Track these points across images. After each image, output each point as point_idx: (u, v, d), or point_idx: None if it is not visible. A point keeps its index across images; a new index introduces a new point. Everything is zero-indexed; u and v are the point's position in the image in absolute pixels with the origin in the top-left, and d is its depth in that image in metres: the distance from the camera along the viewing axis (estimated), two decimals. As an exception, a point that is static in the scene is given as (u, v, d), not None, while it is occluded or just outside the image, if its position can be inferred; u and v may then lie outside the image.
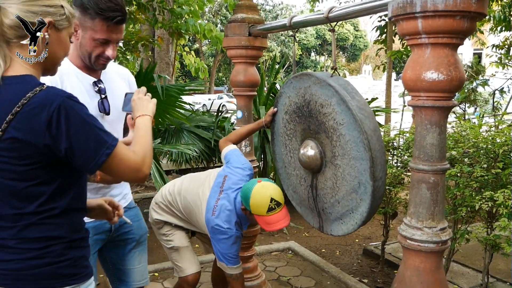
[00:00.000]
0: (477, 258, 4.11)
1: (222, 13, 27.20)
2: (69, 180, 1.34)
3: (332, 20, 2.34)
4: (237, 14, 3.00)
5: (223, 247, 2.41)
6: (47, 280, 1.31)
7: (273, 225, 2.33)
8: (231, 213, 2.42)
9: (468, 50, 26.10)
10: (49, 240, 1.32)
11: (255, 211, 2.31)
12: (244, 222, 2.49)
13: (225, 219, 2.40)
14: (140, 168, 1.37)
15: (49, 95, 1.24)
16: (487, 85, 8.55)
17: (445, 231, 1.83)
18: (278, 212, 2.33)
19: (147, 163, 1.41)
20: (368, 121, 2.14)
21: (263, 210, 2.29)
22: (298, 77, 2.51)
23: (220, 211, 2.41)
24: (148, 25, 7.53)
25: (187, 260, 2.70)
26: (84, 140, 1.26)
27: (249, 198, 2.31)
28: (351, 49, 40.58)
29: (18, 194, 1.28)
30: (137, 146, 1.44)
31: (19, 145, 1.23)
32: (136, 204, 2.29)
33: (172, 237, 2.70)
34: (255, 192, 2.31)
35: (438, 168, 1.79)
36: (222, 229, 2.38)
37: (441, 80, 1.69)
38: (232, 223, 2.40)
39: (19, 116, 1.22)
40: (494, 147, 2.98)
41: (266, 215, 2.30)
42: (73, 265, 1.36)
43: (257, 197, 2.30)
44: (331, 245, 4.83)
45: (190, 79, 26.45)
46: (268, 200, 2.30)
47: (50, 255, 1.31)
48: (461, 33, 1.69)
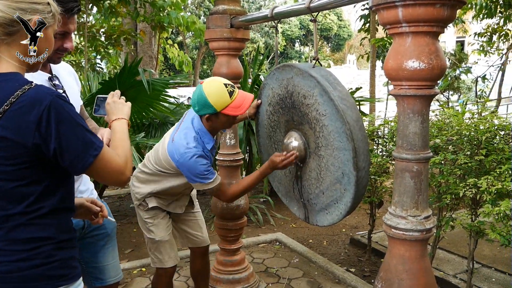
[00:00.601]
0: (462, 245, 4.16)
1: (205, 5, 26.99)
2: (58, 180, 1.33)
3: (314, 10, 2.32)
4: (219, 6, 2.97)
5: (191, 168, 2.33)
6: (36, 282, 1.30)
7: (243, 105, 2.31)
8: (188, 130, 2.38)
9: (451, 38, 26.27)
10: (38, 241, 1.30)
11: (220, 105, 2.27)
12: (203, 135, 2.39)
13: (183, 138, 2.36)
14: (124, 171, 1.38)
15: (38, 94, 1.23)
16: (470, 72, 8.62)
17: (429, 219, 1.84)
18: (239, 93, 2.33)
19: (129, 166, 1.42)
20: (350, 112, 2.13)
21: (226, 99, 2.26)
22: (280, 69, 2.50)
23: (178, 136, 2.39)
24: (130, 18, 7.44)
25: (166, 254, 2.66)
26: (73, 141, 1.25)
27: (206, 99, 2.26)
28: (335, 39, 40.64)
29: (6, 195, 1.26)
30: (119, 149, 1.43)
31: (7, 144, 1.21)
32: (122, 199, 2.26)
33: (154, 228, 2.64)
34: (207, 90, 2.27)
35: (421, 156, 1.79)
36: (182, 151, 2.32)
37: (423, 68, 1.69)
38: (191, 139, 2.34)
39: (8, 115, 1.20)
40: (477, 134, 3.00)
41: (230, 100, 2.27)
42: (63, 266, 1.35)
43: (213, 91, 2.26)
44: (318, 235, 4.85)
45: (175, 72, 26.27)
46: (223, 86, 2.28)
47: (39, 256, 1.30)
48: (441, 21, 1.68)
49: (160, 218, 2.66)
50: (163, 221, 2.67)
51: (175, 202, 2.70)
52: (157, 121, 5.27)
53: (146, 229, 2.67)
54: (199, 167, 2.33)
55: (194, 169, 2.33)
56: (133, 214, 5.63)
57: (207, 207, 5.57)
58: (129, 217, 5.42)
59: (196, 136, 2.37)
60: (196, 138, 2.37)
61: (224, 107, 2.27)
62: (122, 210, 5.76)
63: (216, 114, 2.31)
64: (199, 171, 2.33)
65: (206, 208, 5.56)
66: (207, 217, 5.32)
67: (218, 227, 3.30)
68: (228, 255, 3.34)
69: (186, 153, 2.32)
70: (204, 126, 2.39)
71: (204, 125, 2.39)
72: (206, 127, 2.39)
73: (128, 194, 6.48)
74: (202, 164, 2.33)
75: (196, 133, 2.38)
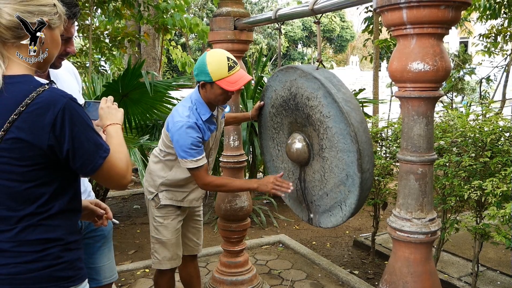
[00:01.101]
0: (466, 247, 4.14)
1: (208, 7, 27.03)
2: (68, 181, 1.35)
3: (317, 12, 2.32)
4: (222, 8, 2.97)
5: (180, 139, 2.31)
6: (44, 284, 1.31)
7: (238, 82, 2.32)
8: (185, 102, 2.40)
9: (454, 39, 26.22)
10: (46, 242, 1.31)
11: (216, 76, 2.28)
12: (200, 106, 2.39)
13: (179, 109, 2.37)
14: (125, 175, 1.41)
15: (53, 96, 1.25)
16: (474, 73, 8.59)
17: (434, 221, 1.83)
18: (238, 70, 2.33)
19: (130, 170, 1.44)
20: (355, 113, 2.13)
21: (224, 71, 2.28)
22: (284, 70, 2.50)
23: (175, 108, 2.40)
24: (134, 21, 7.46)
25: (168, 255, 2.63)
26: (85, 143, 1.28)
27: (205, 66, 2.28)
28: (338, 40, 40.59)
29: (18, 196, 1.27)
30: (120, 154, 1.45)
31: (22, 145, 1.23)
32: (126, 200, 2.27)
33: (162, 228, 2.59)
34: (209, 58, 2.29)
35: (426, 159, 1.78)
36: (175, 120, 2.33)
37: (427, 70, 1.68)
38: (186, 109, 2.35)
39: (23, 116, 1.22)
40: (482, 136, 2.99)
41: (228, 74, 2.29)
42: (70, 267, 1.36)
43: (214, 61, 2.28)
44: (321, 237, 4.84)
45: (177, 74, 26.32)
46: (226, 59, 2.29)
47: (47, 258, 1.31)
48: (446, 23, 1.67)
49: (170, 219, 2.60)
50: (173, 223, 2.61)
51: (191, 194, 2.63)
52: (161, 123, 5.27)
53: (154, 227, 2.63)
54: (188, 139, 2.30)
55: (183, 140, 2.31)
56: (137, 215, 5.64)
57: (210, 209, 5.57)
58: (132, 218, 5.42)
59: (191, 106, 2.38)
60: (191, 108, 2.37)
61: (220, 78, 2.29)
62: (125, 211, 5.77)
63: (211, 83, 2.32)
64: (187, 143, 2.31)
65: (210, 210, 5.56)
66: (211, 219, 5.33)
67: (221, 228, 3.30)
68: (231, 257, 3.33)
69: (178, 122, 2.32)
70: (201, 96, 2.40)
71: (200, 94, 2.40)
72: (202, 97, 2.40)
73: (131, 196, 6.49)
74: (191, 136, 2.31)
75: (193, 104, 2.38)
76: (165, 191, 2.58)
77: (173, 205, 2.60)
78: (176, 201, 2.60)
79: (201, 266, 3.93)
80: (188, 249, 2.84)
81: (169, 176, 2.55)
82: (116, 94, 4.36)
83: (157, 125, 5.28)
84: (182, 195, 2.61)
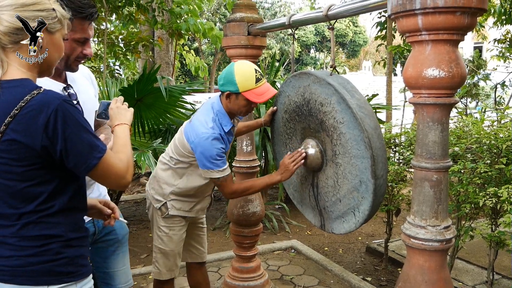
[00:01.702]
0: (481, 255, 4.09)
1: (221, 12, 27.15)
2: (67, 180, 1.38)
3: (331, 18, 2.32)
4: (236, 13, 2.98)
5: (205, 150, 2.30)
6: (44, 277, 1.35)
7: (264, 94, 2.31)
8: (207, 112, 2.39)
9: (469, 44, 26.02)
10: (47, 238, 1.35)
11: (243, 86, 2.28)
12: (222, 117, 2.39)
13: (201, 119, 2.36)
14: (125, 175, 1.43)
15: (46, 98, 1.28)
16: (488, 79, 8.51)
17: (449, 229, 1.82)
18: (264, 83, 2.34)
19: (130, 171, 1.46)
20: (369, 120, 2.12)
21: (252, 82, 2.28)
22: (297, 76, 2.50)
23: (196, 118, 2.39)
24: (148, 25, 7.52)
25: (168, 267, 2.61)
26: (77, 143, 1.30)
27: (233, 76, 2.29)
28: (350, 45, 40.47)
29: (18, 194, 1.31)
30: (122, 154, 1.47)
31: (18, 146, 1.27)
32: (138, 204, 2.26)
33: (167, 238, 2.56)
34: (237, 69, 2.30)
35: (441, 165, 1.77)
36: (199, 131, 2.32)
37: (443, 77, 1.67)
38: (209, 120, 2.34)
39: (18, 119, 1.25)
40: (497, 142, 2.96)
41: (255, 86, 2.29)
42: (71, 263, 1.40)
43: (242, 72, 2.29)
44: (333, 243, 4.81)
45: (190, 78, 26.45)
46: (254, 71, 2.30)
47: (47, 253, 1.36)
48: (461, 29, 1.66)
49: (176, 230, 2.58)
50: (179, 234, 2.59)
51: (199, 205, 2.62)
52: (174, 127, 5.30)
53: (159, 237, 2.59)
54: (214, 150, 2.31)
55: (208, 151, 2.31)
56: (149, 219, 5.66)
57: (222, 214, 5.58)
58: (144, 222, 5.44)
59: (214, 117, 2.37)
60: (214, 119, 2.37)
61: (246, 90, 2.29)
62: (138, 215, 5.79)
63: (237, 94, 2.32)
64: (212, 154, 2.31)
65: (222, 215, 5.56)
66: (223, 223, 5.33)
67: (233, 233, 3.30)
68: (243, 262, 3.33)
69: (203, 133, 2.31)
70: (223, 106, 2.39)
71: (223, 105, 2.40)
72: (224, 108, 2.40)
73: (144, 199, 6.51)
74: (216, 147, 2.31)
75: (215, 115, 2.38)
76: (174, 201, 2.55)
77: (180, 216, 2.58)
78: (184, 212, 2.58)
79: (213, 271, 3.94)
80: (192, 256, 2.83)
81: (180, 184, 2.52)
82: (130, 98, 4.40)
83: (170, 129, 5.31)
84: (190, 205, 2.59)
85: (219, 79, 2.37)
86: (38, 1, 1.34)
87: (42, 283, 1.35)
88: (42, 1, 1.35)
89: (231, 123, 2.43)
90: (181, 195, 2.54)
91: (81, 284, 1.43)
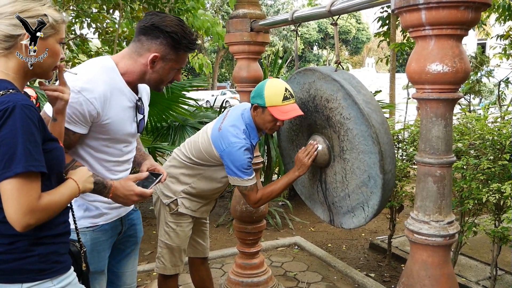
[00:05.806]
0: (485, 251, 4.09)
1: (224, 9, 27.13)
2: None
3: (335, 14, 2.32)
4: (239, 10, 2.98)
5: (236, 159, 2.36)
6: (14, 275, 1.34)
7: (289, 113, 2.33)
8: (238, 122, 2.42)
9: (472, 41, 25.91)
10: (13, 237, 1.34)
11: (270, 102, 2.31)
12: (251, 130, 2.44)
13: (232, 128, 2.39)
14: (22, 216, 1.26)
15: (7, 98, 1.27)
16: (491, 76, 8.47)
17: (452, 224, 1.82)
18: (292, 103, 2.35)
19: (29, 221, 1.27)
20: (375, 115, 2.12)
21: (279, 99, 2.30)
22: (302, 73, 2.50)
23: (226, 126, 2.41)
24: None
25: (173, 262, 2.63)
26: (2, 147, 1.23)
27: (263, 90, 2.33)
28: (353, 42, 40.43)
29: None
30: (50, 196, 1.34)
31: None
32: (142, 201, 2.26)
33: (173, 234, 2.59)
34: (269, 84, 2.34)
35: (445, 161, 1.77)
36: (231, 140, 2.36)
37: (446, 72, 1.67)
38: (241, 131, 2.39)
39: None
40: (500, 138, 2.95)
41: (281, 104, 2.31)
42: (42, 261, 1.38)
43: (272, 87, 2.33)
44: (337, 239, 4.82)
45: (193, 75, 26.46)
46: (283, 89, 2.32)
47: (16, 251, 1.35)
48: (465, 24, 1.66)
49: (183, 226, 2.61)
50: (186, 230, 2.63)
51: (205, 206, 2.68)
52: (177, 124, 5.31)
53: (166, 232, 2.61)
54: (245, 159, 2.36)
55: (239, 161, 2.36)
56: (153, 216, 5.67)
57: (226, 210, 5.58)
58: (148, 220, 5.46)
59: (245, 129, 2.42)
60: (245, 131, 2.41)
61: (272, 105, 2.32)
62: (141, 213, 5.79)
63: (263, 108, 2.35)
64: (243, 163, 2.36)
65: (225, 211, 5.57)
66: (226, 220, 5.34)
67: (237, 230, 3.31)
68: (247, 258, 3.34)
69: (236, 143, 2.35)
70: (253, 119, 2.43)
71: (252, 117, 2.43)
72: (253, 120, 2.43)
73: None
74: (248, 157, 2.37)
75: (246, 127, 2.42)
76: (184, 199, 2.58)
77: (188, 214, 2.61)
78: (191, 211, 2.61)
79: (217, 268, 3.95)
80: (196, 252, 2.87)
81: (194, 183, 2.56)
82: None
83: (173, 126, 5.32)
84: (197, 206, 2.63)
85: (252, 92, 2.43)
86: (28, 8, 1.34)
87: (14, 281, 1.34)
88: (32, 8, 1.34)
89: (258, 137, 2.49)
90: (193, 195, 2.59)
91: (57, 280, 1.40)
